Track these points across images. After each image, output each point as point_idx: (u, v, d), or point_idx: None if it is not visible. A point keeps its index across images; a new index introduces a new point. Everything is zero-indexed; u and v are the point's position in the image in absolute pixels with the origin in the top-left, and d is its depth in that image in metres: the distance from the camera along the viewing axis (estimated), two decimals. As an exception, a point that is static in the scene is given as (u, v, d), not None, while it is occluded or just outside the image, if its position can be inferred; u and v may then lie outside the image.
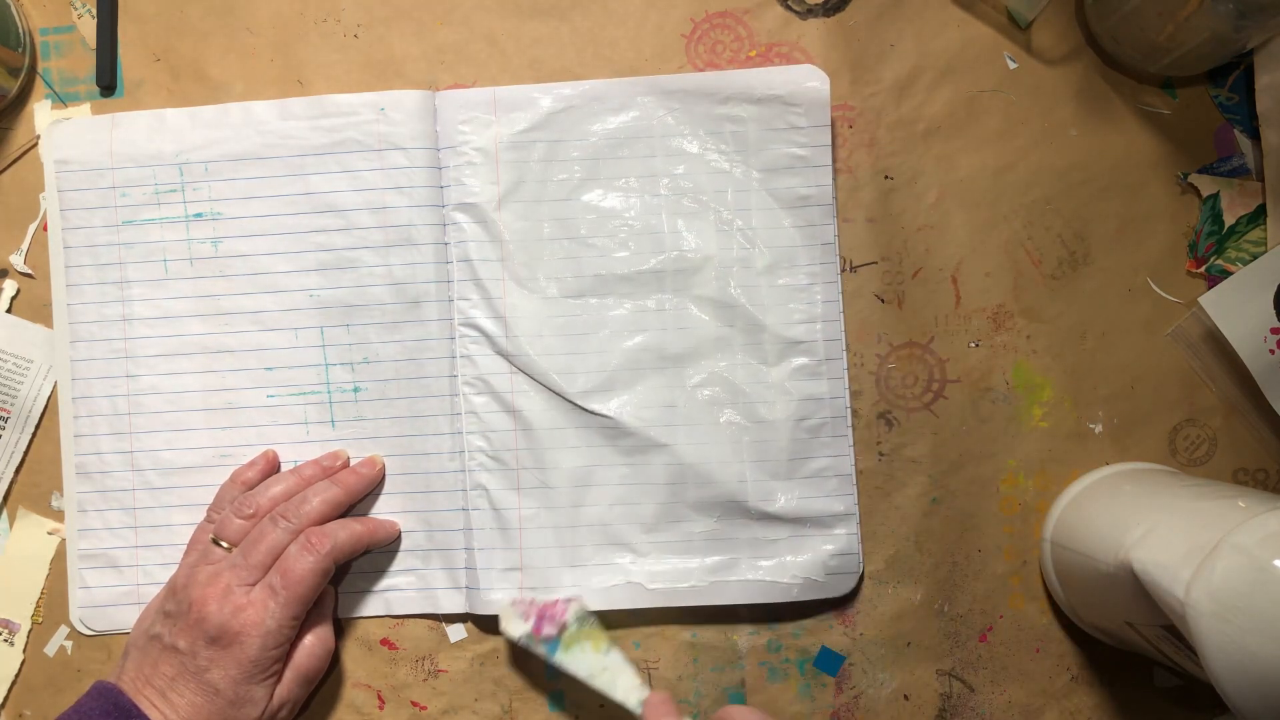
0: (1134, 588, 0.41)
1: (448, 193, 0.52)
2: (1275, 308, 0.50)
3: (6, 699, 0.52)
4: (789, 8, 0.53)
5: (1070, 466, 0.52)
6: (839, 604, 0.51)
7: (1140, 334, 0.52)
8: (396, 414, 0.52)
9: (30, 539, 0.53)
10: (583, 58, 0.53)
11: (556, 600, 0.49)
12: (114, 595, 0.52)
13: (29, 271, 0.53)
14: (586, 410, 0.51)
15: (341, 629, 0.52)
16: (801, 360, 0.51)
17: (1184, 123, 0.52)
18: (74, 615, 0.52)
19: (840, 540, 0.51)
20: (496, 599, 0.51)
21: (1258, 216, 0.52)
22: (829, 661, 0.51)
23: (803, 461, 0.51)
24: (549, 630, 0.48)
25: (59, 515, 0.53)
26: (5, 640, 0.52)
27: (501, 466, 0.51)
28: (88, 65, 0.54)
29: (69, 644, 0.53)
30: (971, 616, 0.52)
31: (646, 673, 0.52)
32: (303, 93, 0.53)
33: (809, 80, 0.51)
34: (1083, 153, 0.52)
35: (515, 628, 0.49)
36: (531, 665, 0.52)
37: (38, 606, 0.53)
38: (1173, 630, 0.40)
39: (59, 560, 0.53)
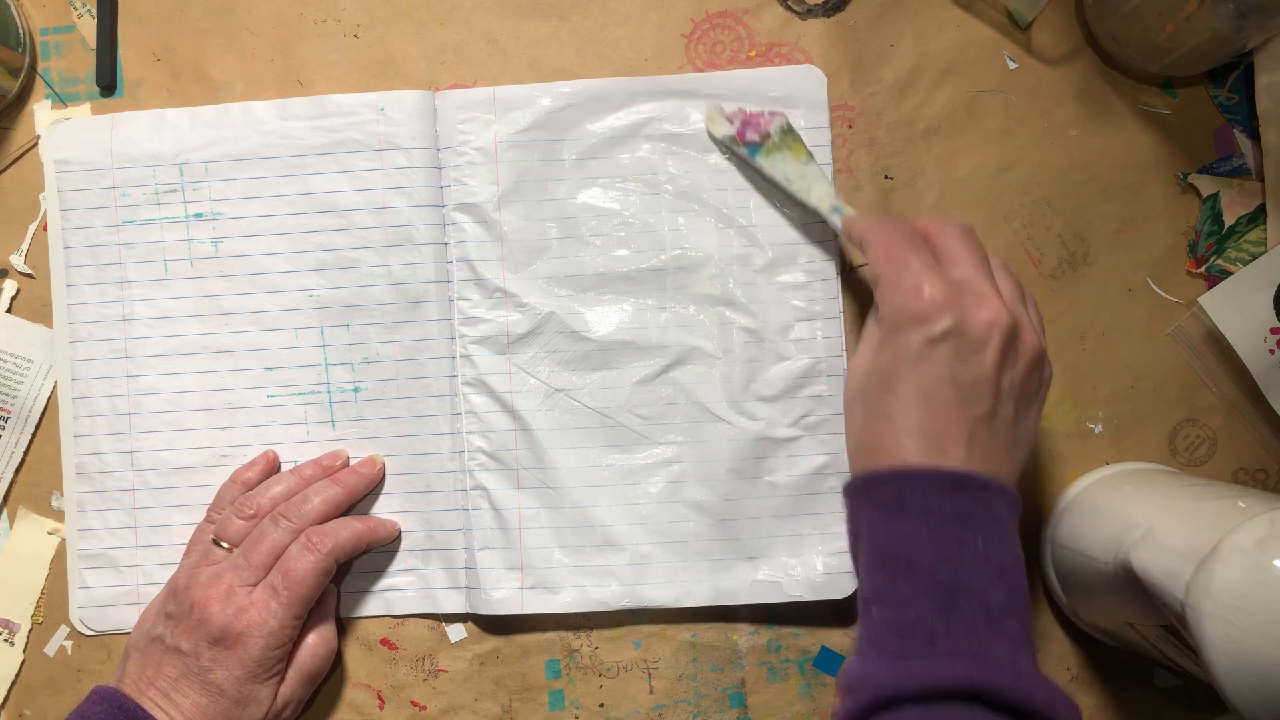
0: (1134, 588, 0.41)
1: (448, 193, 0.52)
2: (1275, 308, 0.50)
3: (6, 699, 0.52)
4: (789, 8, 0.53)
5: (1070, 466, 0.52)
6: (839, 604, 0.51)
7: (1140, 334, 0.52)
8: (396, 414, 0.52)
9: (30, 539, 0.53)
10: (583, 58, 0.53)
11: (762, 111, 0.50)
12: (114, 595, 0.52)
13: (29, 271, 0.53)
14: (586, 409, 0.51)
15: (342, 629, 0.52)
16: (803, 359, 0.51)
17: (1184, 123, 0.52)
18: (74, 615, 0.52)
19: (839, 540, 0.51)
20: (497, 599, 0.51)
21: (1258, 216, 0.52)
22: (829, 661, 0.51)
23: (802, 460, 0.51)
24: (752, 136, 0.49)
25: (59, 515, 0.53)
26: (5, 640, 0.52)
27: (501, 466, 0.51)
28: (88, 65, 0.54)
29: (69, 644, 0.53)
30: (971, 616, 0.52)
31: (647, 673, 0.52)
32: (303, 93, 0.53)
33: (808, 80, 0.51)
34: (1083, 153, 0.52)
35: (719, 129, 0.50)
36: (531, 665, 0.52)
37: (38, 606, 0.53)
38: (1173, 630, 0.40)
39: (59, 560, 0.53)
